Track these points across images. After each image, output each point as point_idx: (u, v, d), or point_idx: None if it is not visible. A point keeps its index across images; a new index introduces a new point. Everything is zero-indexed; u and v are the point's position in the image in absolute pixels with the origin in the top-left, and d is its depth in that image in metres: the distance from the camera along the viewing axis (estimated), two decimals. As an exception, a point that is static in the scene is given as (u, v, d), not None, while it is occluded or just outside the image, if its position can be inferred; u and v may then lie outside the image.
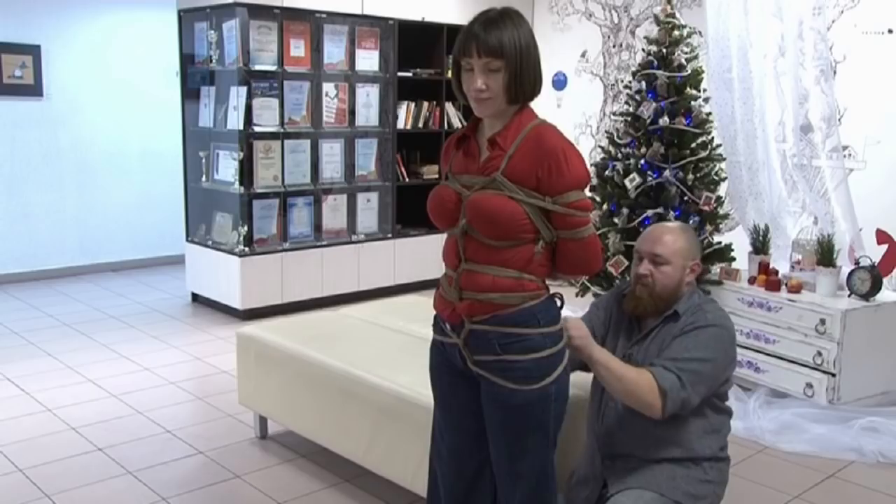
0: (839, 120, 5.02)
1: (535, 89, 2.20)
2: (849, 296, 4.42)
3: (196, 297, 6.55)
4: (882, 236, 4.89)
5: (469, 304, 2.21)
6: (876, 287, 4.37)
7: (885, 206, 5.30)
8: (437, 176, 7.01)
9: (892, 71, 5.37)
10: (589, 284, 4.90)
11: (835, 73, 5.17)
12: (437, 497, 2.54)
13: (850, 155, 5.38)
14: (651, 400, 2.35)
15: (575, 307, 5.28)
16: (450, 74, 6.99)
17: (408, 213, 6.95)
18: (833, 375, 4.23)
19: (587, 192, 2.25)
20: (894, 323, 4.46)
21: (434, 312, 2.41)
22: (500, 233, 2.15)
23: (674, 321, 2.53)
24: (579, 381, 2.68)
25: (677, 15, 5.01)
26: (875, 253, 4.71)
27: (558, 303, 2.29)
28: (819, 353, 4.26)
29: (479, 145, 2.25)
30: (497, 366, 2.21)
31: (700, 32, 5.63)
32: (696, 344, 2.42)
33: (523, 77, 2.14)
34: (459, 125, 7.08)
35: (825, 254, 4.45)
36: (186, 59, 6.41)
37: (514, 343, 2.18)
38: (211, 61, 6.13)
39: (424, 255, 6.97)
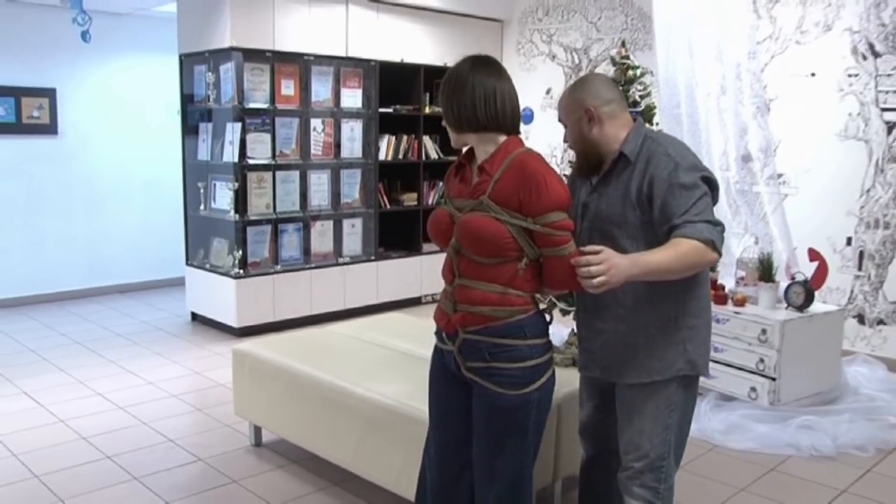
0: (774, 151, 5.12)
1: (473, 117, 2.21)
2: (786, 308, 4.49)
3: (195, 316, 6.53)
4: (813, 254, 4.98)
5: (462, 315, 2.24)
6: (809, 299, 4.45)
7: (815, 227, 5.43)
8: (416, 203, 7.04)
9: (816, 108, 5.51)
10: (556, 301, 4.92)
11: (769, 109, 5.29)
12: (423, 491, 2.55)
13: (784, 182, 5.50)
14: (707, 257, 2.15)
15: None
16: (427, 110, 7.06)
17: (389, 237, 6.97)
18: (774, 379, 4.29)
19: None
20: (824, 331, 4.54)
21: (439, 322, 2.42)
22: (486, 250, 2.18)
23: (627, 165, 2.30)
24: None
25: (631, 57, 5.08)
26: (808, 269, 4.80)
27: (548, 318, 2.31)
28: (761, 360, 4.32)
29: (472, 171, 2.30)
30: (486, 371, 2.23)
31: (652, 72, 5.72)
32: (686, 188, 2.18)
33: (450, 106, 2.24)
34: (436, 156, 7.13)
35: (765, 270, 4.53)
36: (187, 99, 6.43)
37: (502, 352, 2.21)
38: (209, 100, 6.14)
39: (405, 275, 6.99)
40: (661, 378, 2.31)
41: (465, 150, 2.37)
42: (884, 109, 5.27)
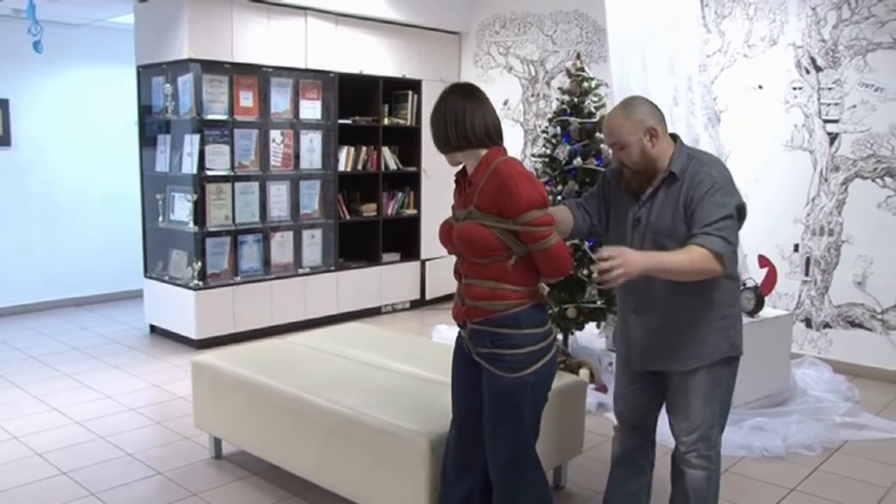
0: (725, 161, 5.22)
1: (445, 137, 2.49)
2: (738, 313, 4.57)
3: (154, 329, 6.42)
4: (763, 261, 5.09)
5: (468, 309, 2.53)
6: (759, 305, 4.54)
7: (764, 235, 5.55)
8: (375, 213, 7.04)
9: (764, 119, 5.65)
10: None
11: (719, 120, 5.40)
12: (447, 460, 2.78)
13: (735, 190, 5.59)
14: (714, 267, 2.41)
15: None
16: (386, 122, 7.06)
17: (349, 248, 6.95)
18: (726, 383, 4.36)
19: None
20: (774, 335, 4.63)
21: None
22: (477, 253, 2.45)
23: (675, 182, 2.54)
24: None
25: (586, 69, 5.16)
26: (758, 275, 4.90)
27: (548, 311, 2.59)
28: (714, 365, 4.38)
29: (465, 185, 2.56)
30: (490, 356, 2.50)
31: (606, 84, 5.81)
32: (717, 205, 2.44)
33: (431, 130, 2.52)
34: (395, 167, 7.13)
35: (717, 277, 4.60)
36: (145, 110, 6.34)
37: (501, 340, 2.47)
38: (167, 112, 6.07)
39: (365, 285, 6.97)
40: (711, 362, 2.62)
41: (459, 167, 2.61)
42: (826, 121, 5.43)
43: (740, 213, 2.51)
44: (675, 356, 2.64)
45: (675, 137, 2.63)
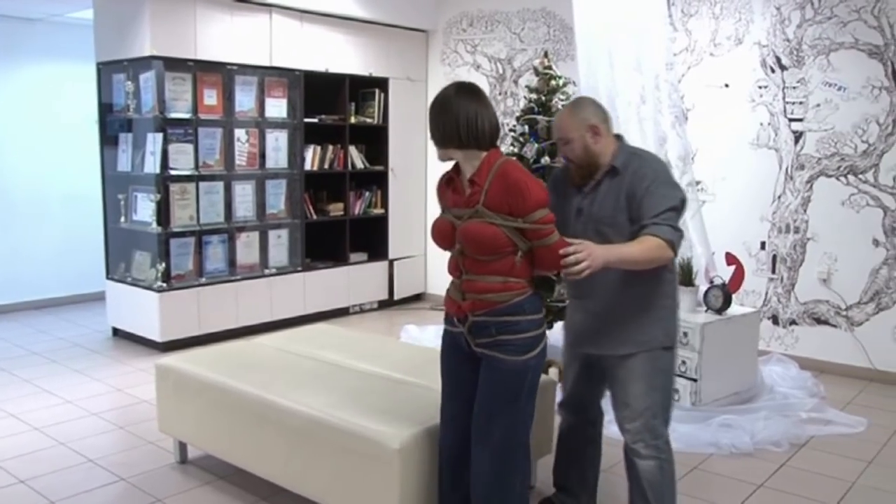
0: (692, 159, 5.27)
1: (455, 135, 2.55)
2: (705, 311, 4.61)
3: (117, 332, 6.32)
4: (730, 258, 5.13)
5: (471, 303, 2.61)
6: (727, 302, 4.59)
7: (731, 232, 5.62)
8: (342, 213, 6.99)
9: (730, 118, 5.72)
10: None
11: (686, 118, 5.45)
12: (443, 460, 2.83)
13: (702, 189, 5.67)
14: (666, 254, 2.60)
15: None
16: (353, 120, 7.02)
17: (316, 248, 6.90)
18: (695, 381, 4.40)
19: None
20: (742, 332, 4.69)
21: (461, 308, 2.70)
22: (485, 250, 2.55)
23: (616, 175, 2.74)
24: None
25: (553, 67, 5.18)
26: (725, 273, 4.95)
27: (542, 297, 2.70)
28: (683, 362, 4.43)
29: (462, 184, 2.64)
30: (494, 343, 2.60)
31: (574, 82, 5.83)
32: (663, 196, 2.63)
33: (436, 126, 2.58)
34: (362, 166, 7.10)
35: (685, 275, 4.63)
36: (105, 108, 6.23)
37: (507, 327, 2.58)
38: (129, 110, 5.97)
39: (332, 286, 6.93)
40: (648, 349, 2.75)
41: (452, 165, 2.69)
42: (791, 119, 5.51)
43: (682, 205, 2.69)
44: (611, 340, 2.80)
45: (619, 137, 2.83)
